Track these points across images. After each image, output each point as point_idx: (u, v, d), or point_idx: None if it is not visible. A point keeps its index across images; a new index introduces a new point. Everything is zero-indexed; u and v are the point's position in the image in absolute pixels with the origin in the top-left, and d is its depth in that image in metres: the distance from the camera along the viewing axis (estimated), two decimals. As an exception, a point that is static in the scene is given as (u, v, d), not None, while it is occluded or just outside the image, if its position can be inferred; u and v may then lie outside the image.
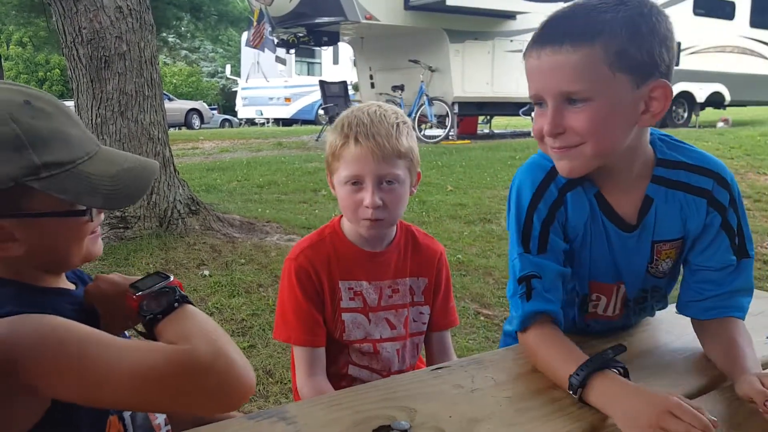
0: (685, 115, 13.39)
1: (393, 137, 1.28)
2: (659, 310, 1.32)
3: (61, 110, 0.88)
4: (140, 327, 0.90)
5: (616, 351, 0.95)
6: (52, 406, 0.80)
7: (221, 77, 30.98)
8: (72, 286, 0.99)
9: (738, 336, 1.09)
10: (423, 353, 1.55)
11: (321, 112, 14.18)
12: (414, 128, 1.44)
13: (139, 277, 0.95)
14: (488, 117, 13.63)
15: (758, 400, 0.90)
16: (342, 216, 1.41)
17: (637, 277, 1.19)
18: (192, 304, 0.89)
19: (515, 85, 10.64)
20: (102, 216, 0.95)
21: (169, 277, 0.92)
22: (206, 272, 3.75)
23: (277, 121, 19.84)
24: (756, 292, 1.57)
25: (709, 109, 14.08)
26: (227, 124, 22.62)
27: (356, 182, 1.29)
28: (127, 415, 0.96)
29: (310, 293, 1.35)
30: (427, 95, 10.40)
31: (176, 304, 0.87)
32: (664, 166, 1.12)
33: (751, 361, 1.02)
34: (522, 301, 1.09)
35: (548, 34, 0.99)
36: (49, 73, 23.59)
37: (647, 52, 0.97)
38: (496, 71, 10.96)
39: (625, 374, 0.95)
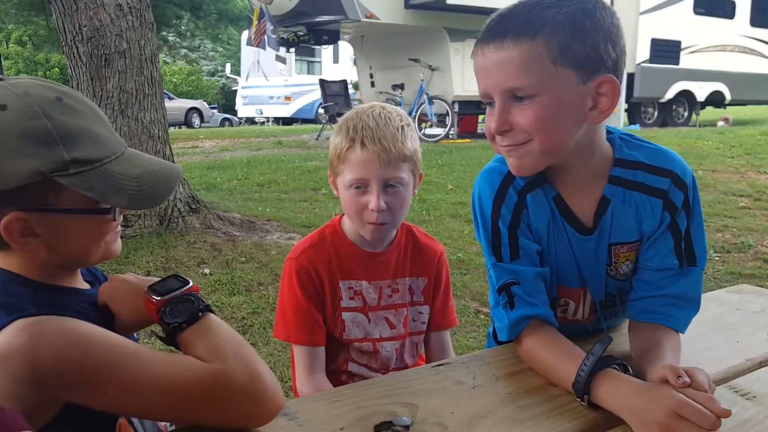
0: (686, 114, 13.39)
1: (399, 141, 1.28)
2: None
3: (90, 109, 0.88)
4: (160, 332, 0.91)
5: (604, 344, 0.93)
6: (65, 407, 0.80)
7: (221, 76, 30.96)
8: (87, 285, 0.99)
9: (666, 342, 1.03)
10: (423, 352, 1.55)
11: (321, 111, 14.16)
12: (414, 127, 1.43)
13: (156, 279, 0.96)
14: (488, 116, 13.61)
15: (670, 376, 0.86)
16: (342, 215, 1.42)
17: (599, 281, 1.16)
18: (213, 312, 0.90)
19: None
20: (122, 215, 0.95)
21: (188, 282, 0.93)
22: (207, 271, 3.76)
23: (277, 120, 19.84)
24: (756, 289, 1.58)
25: (709, 108, 14.09)
26: (227, 123, 22.61)
27: (361, 186, 1.29)
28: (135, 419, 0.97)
29: (310, 293, 1.35)
30: (427, 94, 10.39)
31: (200, 314, 0.88)
32: (621, 166, 1.09)
33: (669, 360, 0.97)
34: (506, 311, 1.07)
35: (491, 31, 0.99)
36: (48, 72, 23.58)
37: (592, 48, 0.96)
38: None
39: (625, 370, 0.94)
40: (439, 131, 10.96)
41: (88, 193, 0.82)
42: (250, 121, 20.95)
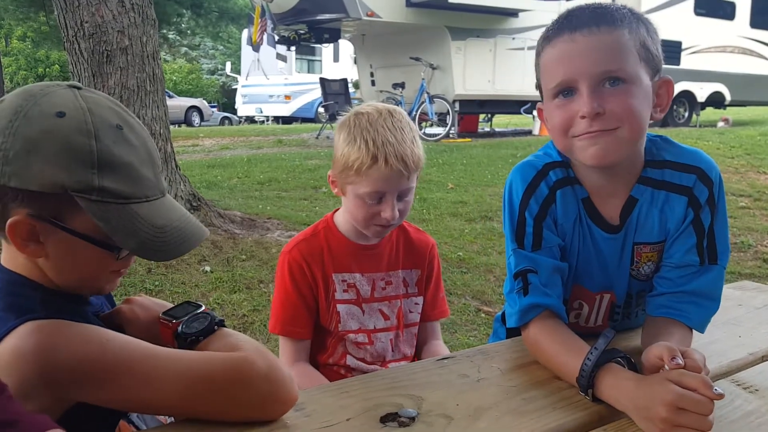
0: (686, 114, 13.40)
1: (416, 155, 1.29)
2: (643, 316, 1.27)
3: (146, 148, 0.87)
4: None
5: (607, 337, 0.93)
6: (73, 405, 0.81)
7: (221, 74, 30.94)
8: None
9: (676, 335, 1.03)
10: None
11: (321, 109, 14.17)
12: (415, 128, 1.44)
13: (171, 306, 0.98)
14: (489, 115, 13.62)
15: (665, 356, 0.87)
16: (336, 211, 1.44)
17: (623, 281, 1.16)
18: (227, 327, 0.92)
19: (517, 83, 10.64)
20: (132, 261, 0.93)
21: (200, 305, 0.95)
22: (207, 268, 3.76)
23: (277, 119, 19.83)
24: (757, 285, 1.59)
25: (709, 109, 14.09)
26: (227, 121, 22.59)
27: (378, 197, 1.30)
28: (135, 416, 0.97)
29: (301, 286, 1.38)
30: (428, 93, 10.39)
31: (216, 327, 0.90)
32: (651, 167, 1.10)
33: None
34: (519, 296, 1.08)
35: (579, 18, 1.00)
36: (48, 69, 23.53)
37: (657, 49, 1.02)
38: (498, 69, 10.96)
39: (629, 363, 0.94)
40: (439, 130, 10.96)
41: (101, 223, 0.81)
42: (250, 119, 20.94)
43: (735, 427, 0.88)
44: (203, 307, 0.94)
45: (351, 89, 13.38)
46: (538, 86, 1.10)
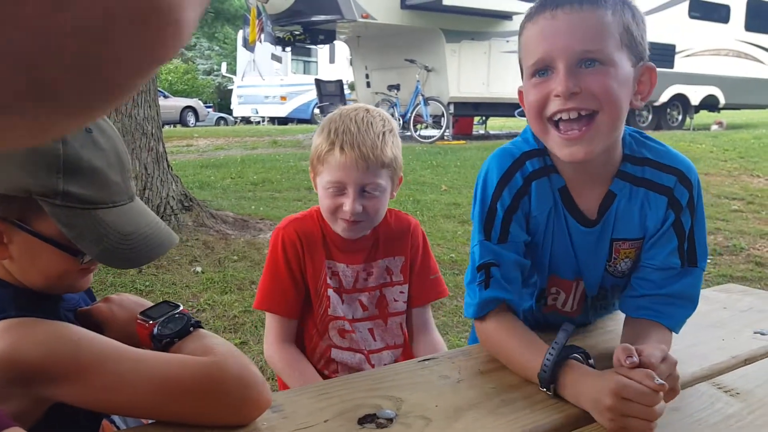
0: (680, 117, 13.45)
1: (378, 148, 1.29)
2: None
3: (116, 151, 0.86)
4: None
5: (567, 332, 0.94)
6: (52, 407, 0.80)
7: (217, 75, 30.86)
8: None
9: (654, 336, 1.03)
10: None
11: (317, 111, 14.16)
12: (410, 128, 1.42)
13: (150, 305, 0.97)
14: (484, 117, 13.64)
15: (621, 356, 0.87)
16: None
17: (596, 275, 1.16)
18: (203, 328, 0.91)
19: (511, 85, 10.66)
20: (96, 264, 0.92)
21: (178, 306, 0.94)
22: (198, 269, 3.75)
23: (273, 120, 19.80)
24: (743, 288, 1.59)
25: (703, 112, 14.15)
26: (222, 122, 22.57)
27: (338, 188, 1.31)
28: (117, 417, 0.97)
29: (292, 263, 1.37)
30: (423, 95, 10.40)
31: (191, 329, 0.90)
32: (630, 162, 1.09)
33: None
34: (480, 289, 1.08)
35: None
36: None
37: (641, 37, 1.00)
38: (492, 72, 10.97)
39: (587, 357, 0.96)
40: (434, 132, 10.96)
41: (64, 229, 0.80)
42: (246, 120, 20.91)
43: (715, 430, 0.88)
44: (181, 308, 0.94)
45: (347, 90, 13.39)
46: (520, 66, 1.08)
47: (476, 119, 13.48)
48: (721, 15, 13.16)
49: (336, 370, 1.40)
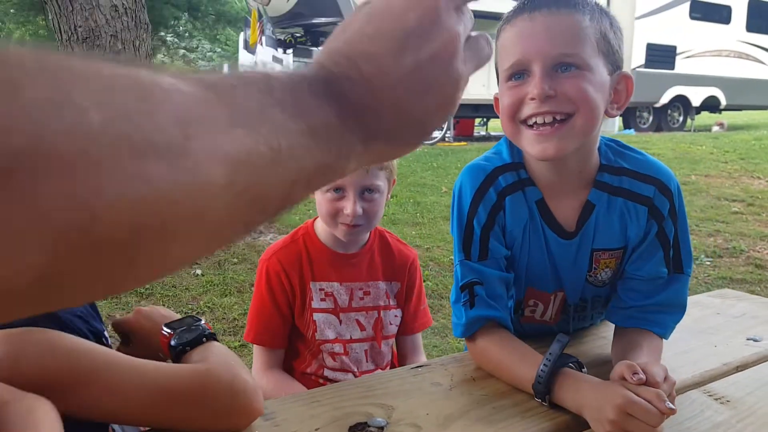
0: (681, 119, 13.43)
1: None
2: (600, 319, 1.29)
3: None
4: (169, 361, 0.95)
5: (561, 343, 0.94)
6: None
7: (219, 77, 30.83)
8: None
9: (645, 345, 1.04)
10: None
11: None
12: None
13: (177, 318, 1.01)
14: (485, 119, 13.64)
15: (627, 373, 0.87)
16: (316, 218, 1.44)
17: (577, 286, 1.15)
18: (218, 341, 0.95)
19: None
20: None
21: (200, 319, 0.98)
22: (198, 271, 3.76)
23: (275, 122, 19.78)
24: (738, 293, 1.59)
25: (704, 113, 14.12)
26: (224, 123, 22.56)
27: (338, 191, 1.31)
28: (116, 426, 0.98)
29: (277, 295, 1.38)
30: (423, 97, 10.39)
31: (204, 339, 0.93)
32: (608, 172, 1.09)
33: (644, 360, 0.97)
34: (465, 309, 1.07)
35: None
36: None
37: (619, 46, 1.01)
38: (492, 74, 10.79)
39: (580, 366, 0.96)
40: (435, 134, 10.96)
41: None
42: (247, 122, 20.89)
43: (703, 438, 0.89)
44: (203, 321, 0.97)
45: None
46: (496, 71, 1.07)
47: (477, 121, 13.48)
48: (723, 16, 13.13)
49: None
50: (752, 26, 13.47)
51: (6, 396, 0.63)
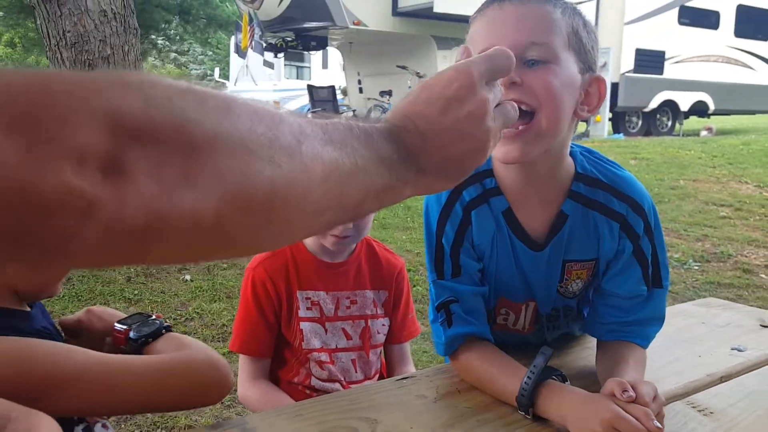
0: (669, 123, 13.53)
1: None
2: (579, 331, 1.28)
3: None
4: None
5: (545, 355, 0.94)
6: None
7: (210, 80, 30.82)
8: (27, 308, 0.99)
9: (630, 357, 1.04)
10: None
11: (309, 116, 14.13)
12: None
13: (125, 316, 1.05)
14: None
15: (617, 390, 0.87)
16: None
17: (549, 296, 1.14)
18: (173, 332, 1.01)
19: (502, 92, 10.70)
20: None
21: (151, 315, 1.02)
22: (187, 277, 3.74)
23: (266, 125, 19.75)
24: (723, 302, 1.60)
25: (693, 118, 14.24)
26: (215, 127, 22.48)
27: None
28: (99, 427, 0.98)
29: (263, 304, 1.38)
30: (414, 101, 10.42)
31: (164, 331, 0.98)
32: (584, 182, 1.07)
33: (631, 374, 0.98)
34: (444, 328, 1.06)
35: None
36: (35, 75, 23.29)
37: (592, 47, 0.99)
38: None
39: (563, 379, 0.96)
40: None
41: None
42: (239, 125, 20.84)
43: (686, 450, 0.89)
44: (153, 316, 1.01)
45: (339, 96, 13.40)
46: None
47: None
48: (711, 21, 13.25)
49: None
50: (740, 31, 13.59)
51: (10, 412, 0.64)
